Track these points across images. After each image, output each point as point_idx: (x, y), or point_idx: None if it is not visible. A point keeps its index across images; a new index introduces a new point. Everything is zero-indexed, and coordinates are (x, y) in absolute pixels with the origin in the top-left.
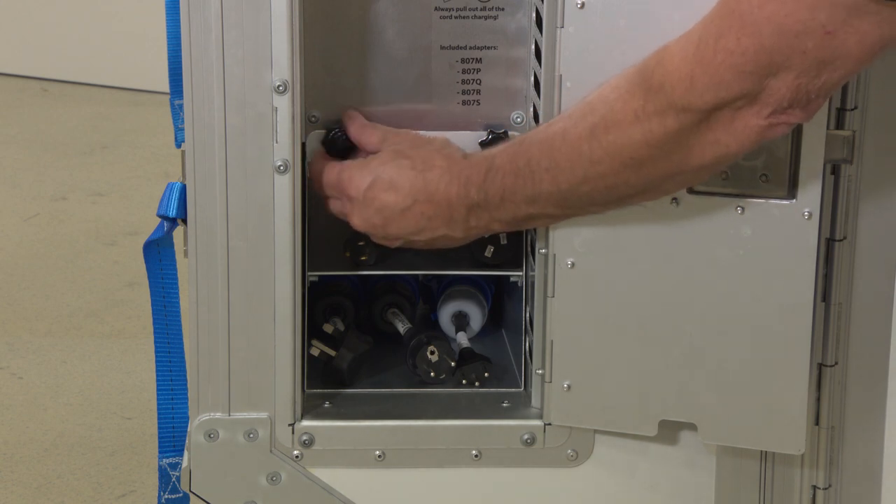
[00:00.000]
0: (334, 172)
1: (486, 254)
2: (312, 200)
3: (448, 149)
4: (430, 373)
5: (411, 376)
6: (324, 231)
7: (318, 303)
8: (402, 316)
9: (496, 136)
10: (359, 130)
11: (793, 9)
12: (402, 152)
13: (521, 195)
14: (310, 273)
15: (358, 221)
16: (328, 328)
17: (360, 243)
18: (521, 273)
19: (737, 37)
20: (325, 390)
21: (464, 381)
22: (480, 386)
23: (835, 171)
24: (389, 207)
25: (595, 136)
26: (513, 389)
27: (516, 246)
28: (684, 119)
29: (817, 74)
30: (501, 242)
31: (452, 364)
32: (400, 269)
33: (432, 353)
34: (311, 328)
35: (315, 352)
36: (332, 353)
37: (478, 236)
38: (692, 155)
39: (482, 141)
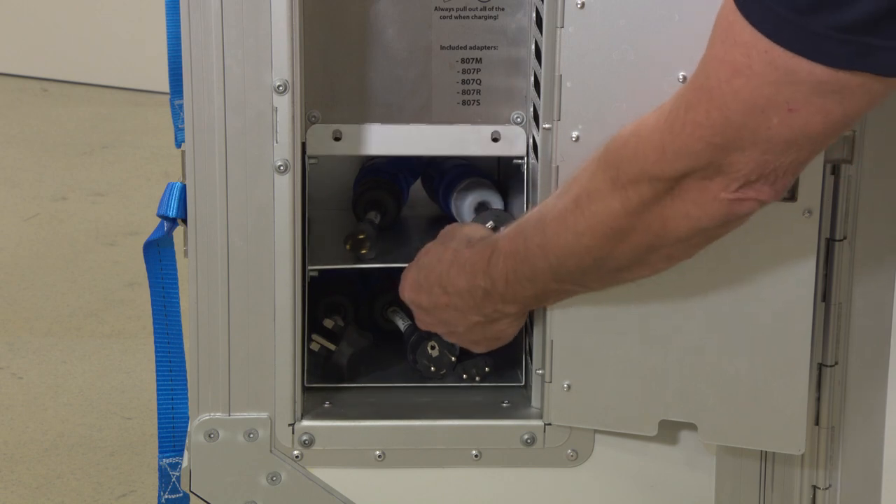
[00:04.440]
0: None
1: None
2: (313, 196)
3: (458, 242)
4: (430, 368)
5: (412, 372)
6: (324, 225)
7: (318, 301)
8: (402, 314)
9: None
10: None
11: (757, 84)
12: (419, 260)
13: (523, 275)
14: (310, 267)
15: (418, 324)
16: (329, 323)
17: (361, 236)
18: None
19: (706, 109)
20: (325, 384)
21: (464, 377)
22: (481, 381)
23: (835, 171)
24: (425, 306)
25: (578, 207)
26: (513, 384)
27: None
28: (658, 187)
29: (784, 151)
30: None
31: (453, 359)
32: (402, 262)
33: (433, 347)
34: (312, 324)
35: (315, 346)
36: (333, 347)
37: (517, 322)
38: (668, 227)
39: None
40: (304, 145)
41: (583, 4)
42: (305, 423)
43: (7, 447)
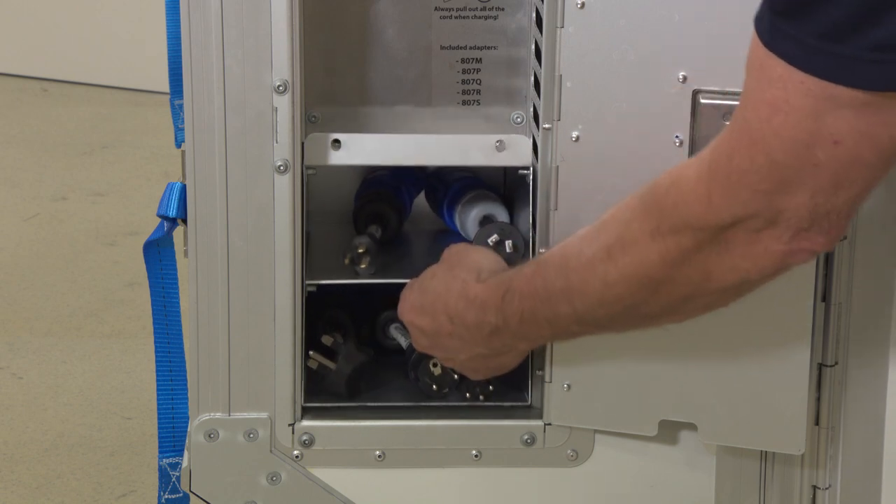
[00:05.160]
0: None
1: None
2: (311, 207)
3: (467, 272)
4: (432, 386)
5: (413, 390)
6: (324, 239)
7: (317, 316)
8: (404, 330)
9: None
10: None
11: (798, 119)
12: (423, 282)
13: (541, 316)
14: (308, 282)
15: (415, 345)
16: (327, 340)
17: (360, 250)
18: None
19: (748, 154)
20: (324, 404)
21: (468, 395)
22: (485, 400)
23: None
24: (426, 330)
25: (611, 257)
26: (518, 404)
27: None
28: (700, 238)
29: (834, 190)
30: (507, 251)
31: (456, 378)
32: (403, 278)
33: (435, 365)
34: (310, 340)
35: (313, 364)
36: (332, 365)
37: (522, 356)
38: (711, 278)
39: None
40: (303, 145)
41: (583, 4)
42: (305, 423)
43: (7, 447)
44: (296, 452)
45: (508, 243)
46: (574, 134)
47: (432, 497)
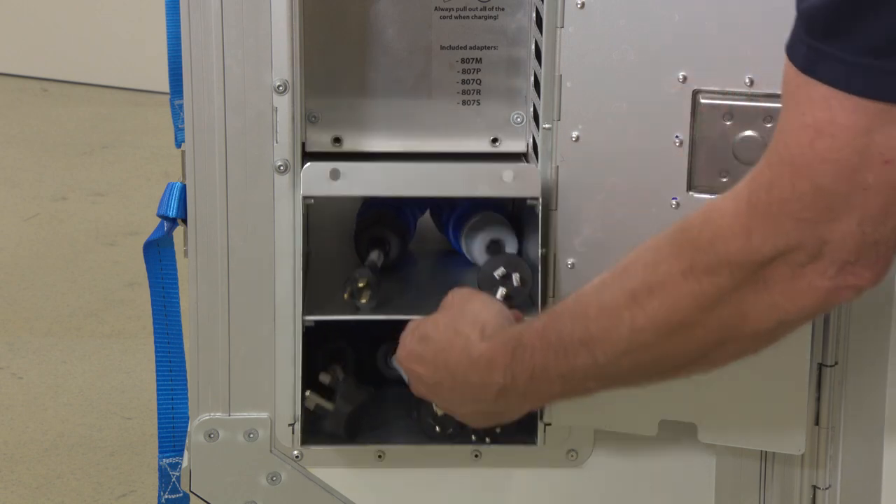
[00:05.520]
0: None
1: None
2: (311, 221)
3: (470, 328)
4: (435, 427)
5: (416, 429)
6: (324, 262)
7: (315, 346)
8: None
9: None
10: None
11: (845, 140)
12: (424, 331)
13: (555, 372)
14: (306, 318)
15: (413, 390)
16: (325, 378)
17: (360, 284)
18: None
19: (790, 182)
20: (324, 447)
21: (473, 437)
22: (492, 443)
23: None
24: (425, 380)
25: (637, 302)
26: (528, 446)
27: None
28: (739, 276)
29: (883, 217)
30: (514, 284)
31: None
32: (405, 314)
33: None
34: (308, 376)
35: (310, 404)
36: (330, 406)
37: (521, 414)
38: (747, 320)
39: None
40: (304, 145)
41: (583, 4)
42: None
43: (7, 447)
44: (296, 452)
45: (516, 276)
46: (574, 134)
47: (432, 497)
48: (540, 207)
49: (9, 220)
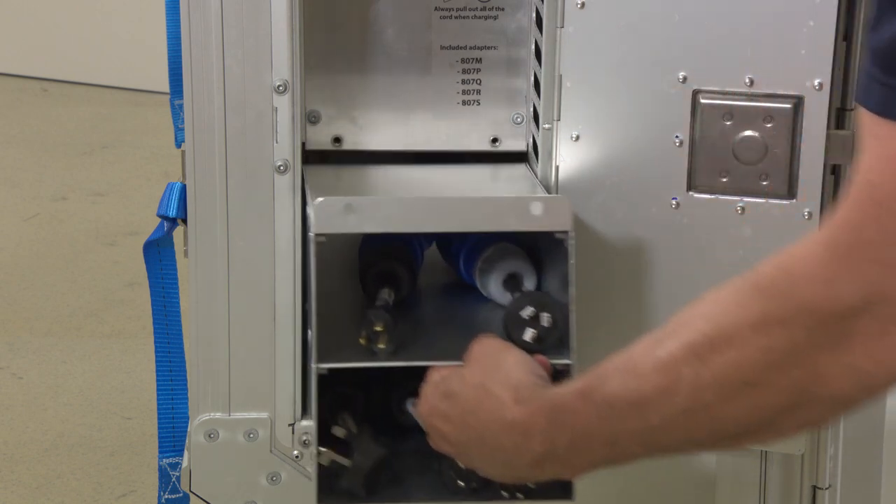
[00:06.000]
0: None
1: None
2: (323, 274)
3: (502, 388)
4: (457, 482)
5: (437, 482)
6: (335, 315)
7: (325, 392)
8: None
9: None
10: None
11: None
12: (449, 386)
13: (599, 437)
14: (320, 366)
15: (433, 444)
16: (339, 431)
17: (378, 328)
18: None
19: (877, 224)
20: None
21: (504, 494)
22: (526, 498)
23: (835, 171)
24: (450, 440)
25: (699, 357)
26: (563, 500)
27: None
28: (817, 330)
29: None
30: (544, 325)
31: None
32: (425, 360)
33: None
34: (319, 426)
35: (325, 461)
36: (347, 462)
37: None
38: (824, 382)
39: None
40: (304, 145)
41: (583, 4)
42: (305, 423)
43: (7, 447)
44: (296, 452)
45: (545, 316)
46: (574, 134)
47: None
48: (571, 242)
49: (9, 220)
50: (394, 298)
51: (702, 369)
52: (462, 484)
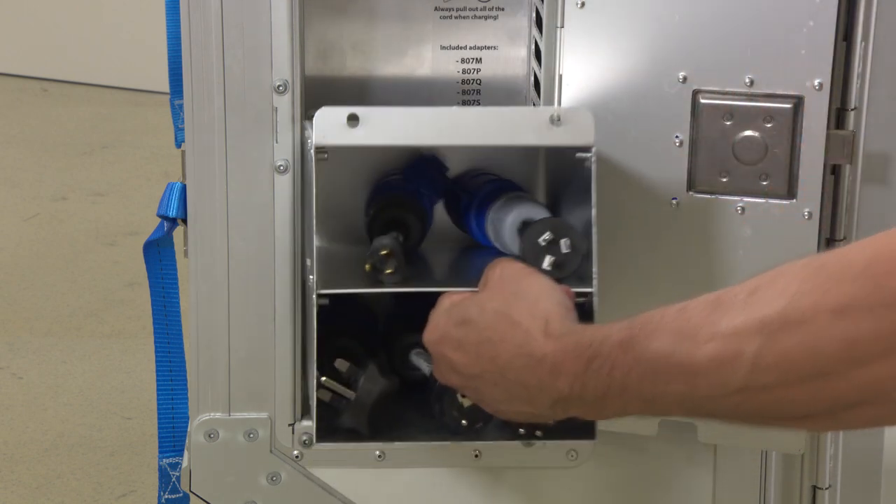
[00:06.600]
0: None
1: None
2: (321, 208)
3: (530, 320)
4: (461, 421)
5: (438, 427)
6: (338, 244)
7: (323, 344)
8: (427, 355)
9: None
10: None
11: None
12: (466, 310)
13: (636, 392)
14: (320, 291)
15: (438, 376)
16: (342, 365)
17: (384, 252)
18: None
19: None
20: (338, 444)
21: (521, 431)
22: (544, 437)
23: (835, 171)
24: (460, 370)
25: (768, 335)
26: (584, 441)
27: None
28: None
29: None
30: (564, 251)
31: None
32: (434, 286)
33: (464, 395)
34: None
35: (324, 396)
36: (350, 394)
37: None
38: None
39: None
40: (304, 145)
41: (583, 4)
42: (305, 423)
43: (7, 447)
44: (296, 452)
45: (565, 242)
46: None
47: (432, 496)
48: (593, 161)
49: (9, 220)
50: (402, 243)
51: (766, 349)
52: (464, 423)
